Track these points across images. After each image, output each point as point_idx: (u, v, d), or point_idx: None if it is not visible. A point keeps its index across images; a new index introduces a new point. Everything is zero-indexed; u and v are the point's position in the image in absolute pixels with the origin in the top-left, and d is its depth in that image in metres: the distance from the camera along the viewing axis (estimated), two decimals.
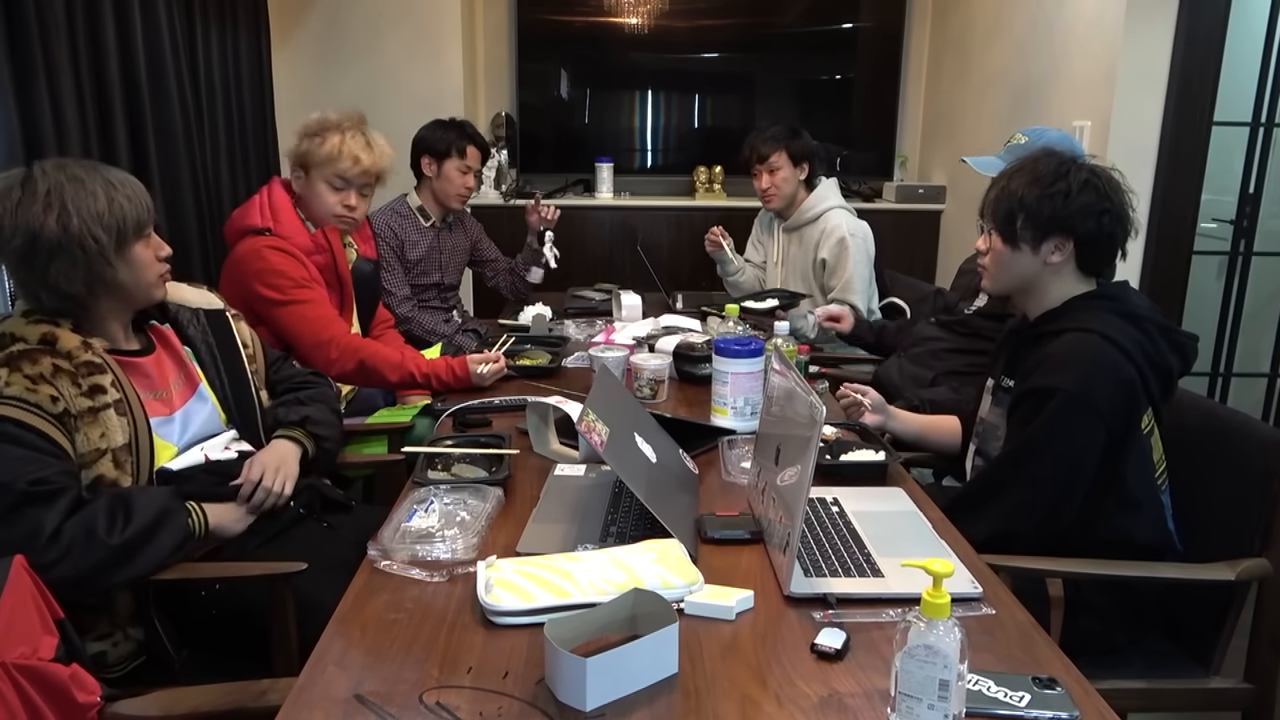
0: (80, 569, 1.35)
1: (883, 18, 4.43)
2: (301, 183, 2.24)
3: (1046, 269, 1.62)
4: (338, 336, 2.13)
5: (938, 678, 0.96)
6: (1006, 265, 1.66)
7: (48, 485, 1.35)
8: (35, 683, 1.06)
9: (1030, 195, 1.59)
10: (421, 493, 1.52)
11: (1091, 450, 1.52)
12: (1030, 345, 1.65)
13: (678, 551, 1.28)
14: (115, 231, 1.45)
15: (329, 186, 2.22)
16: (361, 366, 2.14)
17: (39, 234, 1.40)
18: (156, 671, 1.54)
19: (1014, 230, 1.62)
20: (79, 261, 1.43)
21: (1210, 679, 1.62)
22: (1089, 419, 1.50)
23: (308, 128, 2.22)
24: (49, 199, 1.41)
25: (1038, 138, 2.20)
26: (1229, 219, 3.12)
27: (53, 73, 2.13)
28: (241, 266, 2.13)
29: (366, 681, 1.06)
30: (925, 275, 4.08)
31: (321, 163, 2.20)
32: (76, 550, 1.34)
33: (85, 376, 1.42)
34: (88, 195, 1.43)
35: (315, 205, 2.24)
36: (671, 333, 2.46)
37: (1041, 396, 1.54)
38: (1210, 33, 2.70)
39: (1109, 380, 1.51)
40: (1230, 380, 3.15)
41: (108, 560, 1.37)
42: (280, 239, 2.14)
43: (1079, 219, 1.57)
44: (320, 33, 3.82)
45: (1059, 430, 1.53)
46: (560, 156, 4.49)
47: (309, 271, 2.16)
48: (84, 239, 1.42)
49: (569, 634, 1.09)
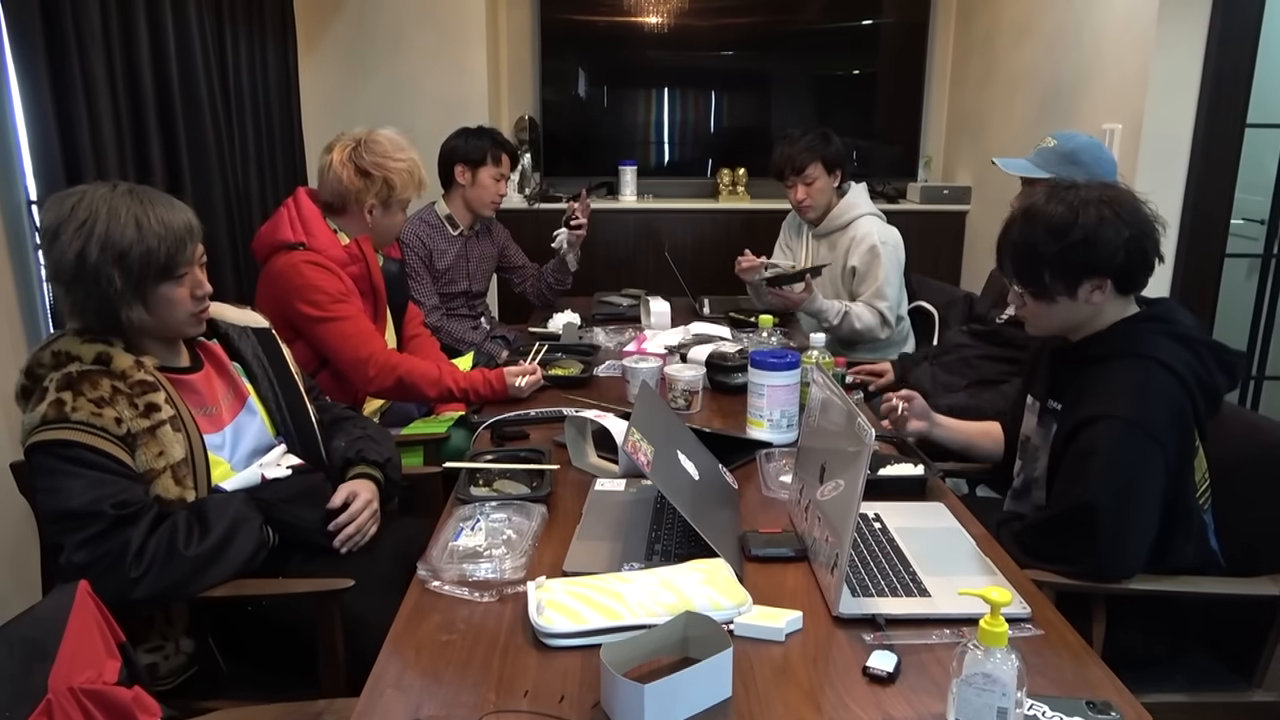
0: (163, 583, 1.40)
1: (906, 14, 4.41)
2: (379, 215, 2.23)
3: (1089, 307, 1.59)
4: (376, 353, 2.14)
5: (995, 705, 0.97)
6: (1047, 317, 1.63)
7: (131, 506, 1.40)
8: (101, 706, 1.08)
9: (1050, 250, 1.54)
10: (466, 510, 1.53)
11: (1158, 480, 1.49)
12: (1078, 368, 1.62)
13: (725, 572, 1.29)
14: (135, 274, 1.44)
15: (404, 211, 2.28)
16: (400, 383, 2.15)
17: (60, 262, 1.42)
18: (204, 684, 1.57)
19: (1044, 288, 1.58)
20: (91, 296, 1.44)
21: (1252, 692, 1.62)
22: (1153, 450, 1.48)
23: (389, 161, 2.18)
24: (80, 229, 1.41)
25: (1067, 141, 2.19)
26: (1259, 219, 3.09)
27: (89, 84, 2.16)
28: (280, 283, 2.14)
29: (425, 705, 1.08)
30: (950, 278, 4.07)
31: (410, 194, 2.23)
32: (159, 564, 1.40)
33: (140, 396, 1.44)
34: (117, 231, 1.42)
35: (391, 231, 2.29)
36: (702, 341, 2.46)
37: (1100, 428, 1.50)
38: (1243, 34, 2.68)
39: (1166, 409, 1.49)
40: (1263, 384, 3.13)
41: (188, 571, 1.43)
42: (314, 252, 2.15)
43: (1107, 258, 1.53)
44: (345, 39, 3.84)
45: (1126, 463, 1.48)
46: (582, 159, 4.50)
47: (345, 285, 2.17)
48: (99, 277, 1.42)
49: (622, 657, 1.10)
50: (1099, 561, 1.48)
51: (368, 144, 2.19)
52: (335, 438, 1.81)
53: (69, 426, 1.38)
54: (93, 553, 1.36)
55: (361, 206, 2.20)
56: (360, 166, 2.17)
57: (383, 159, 2.17)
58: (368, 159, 2.17)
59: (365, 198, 2.19)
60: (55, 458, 1.38)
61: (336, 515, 1.65)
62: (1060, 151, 2.17)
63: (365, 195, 2.19)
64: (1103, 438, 1.49)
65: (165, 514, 1.44)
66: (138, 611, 1.43)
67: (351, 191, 2.18)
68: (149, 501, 1.43)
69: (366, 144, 2.19)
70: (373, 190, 2.18)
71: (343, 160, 2.18)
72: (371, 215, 2.22)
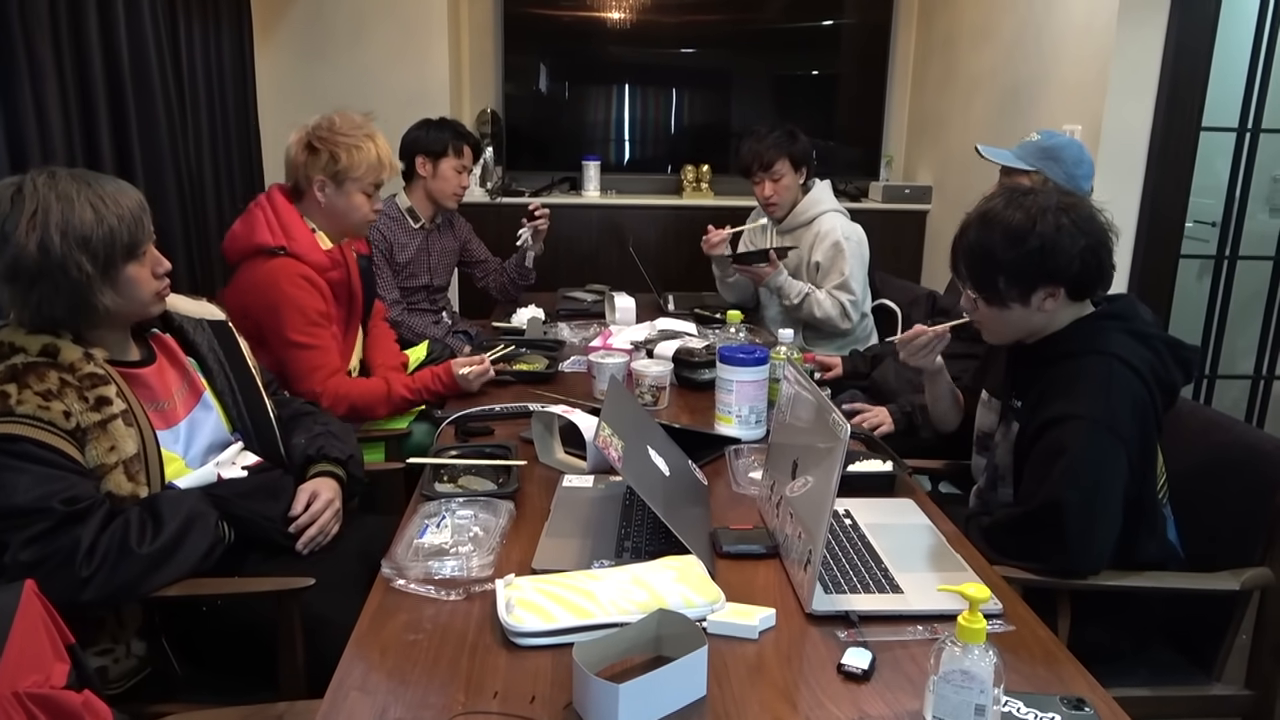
0: (115, 582, 1.35)
1: (868, 15, 4.44)
2: (332, 194, 2.13)
3: (1041, 314, 1.59)
4: (330, 386, 2.08)
5: (974, 702, 0.96)
6: (1000, 323, 1.63)
7: (81, 503, 1.34)
8: (48, 711, 1.03)
9: (1007, 256, 1.54)
10: (432, 506, 1.50)
11: (1122, 477, 1.50)
12: (1038, 366, 1.62)
13: (698, 569, 1.27)
14: (102, 257, 1.39)
15: (365, 195, 2.16)
16: (352, 409, 2.10)
17: (19, 257, 1.35)
18: (156, 687, 1.52)
19: (998, 293, 1.58)
20: (61, 288, 1.38)
21: (1212, 685, 1.64)
22: (1118, 447, 1.49)
23: (338, 136, 2.11)
24: (33, 220, 1.35)
25: (1050, 138, 2.22)
26: (1209, 221, 3.16)
27: (36, 70, 2.08)
28: (256, 293, 2.05)
29: (392, 707, 1.05)
30: (911, 275, 4.10)
31: (362, 172, 2.13)
32: (110, 563, 1.34)
33: (90, 389, 1.38)
34: (75, 216, 1.36)
35: (350, 215, 2.17)
36: (669, 337, 2.45)
37: (1067, 427, 1.50)
38: (1199, 39, 2.73)
39: (1129, 406, 1.50)
40: (1215, 382, 3.20)
41: (141, 570, 1.37)
42: (295, 259, 2.07)
43: (1063, 266, 1.53)
44: (303, 28, 3.75)
45: (1093, 461, 1.48)
46: (545, 154, 4.46)
47: (324, 301, 2.10)
48: (67, 265, 1.36)
49: (595, 657, 1.08)
50: (1069, 559, 1.49)
51: (320, 121, 2.14)
52: (295, 434, 1.76)
53: (14, 420, 1.32)
54: (40, 551, 1.30)
55: (311, 184, 2.13)
56: (308, 142, 2.12)
57: (331, 133, 2.11)
58: (314, 134, 2.12)
59: (313, 172, 2.11)
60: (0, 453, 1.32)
61: (298, 515, 1.60)
62: (1042, 145, 2.20)
63: (313, 170, 2.11)
64: (1069, 437, 1.49)
65: (117, 511, 1.39)
66: (88, 613, 1.38)
67: (300, 166, 2.12)
68: (99, 498, 1.37)
69: (319, 122, 2.14)
70: (319, 165, 2.10)
71: (298, 139, 2.14)
72: (324, 194, 2.13)
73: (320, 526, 1.62)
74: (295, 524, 1.60)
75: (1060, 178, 2.13)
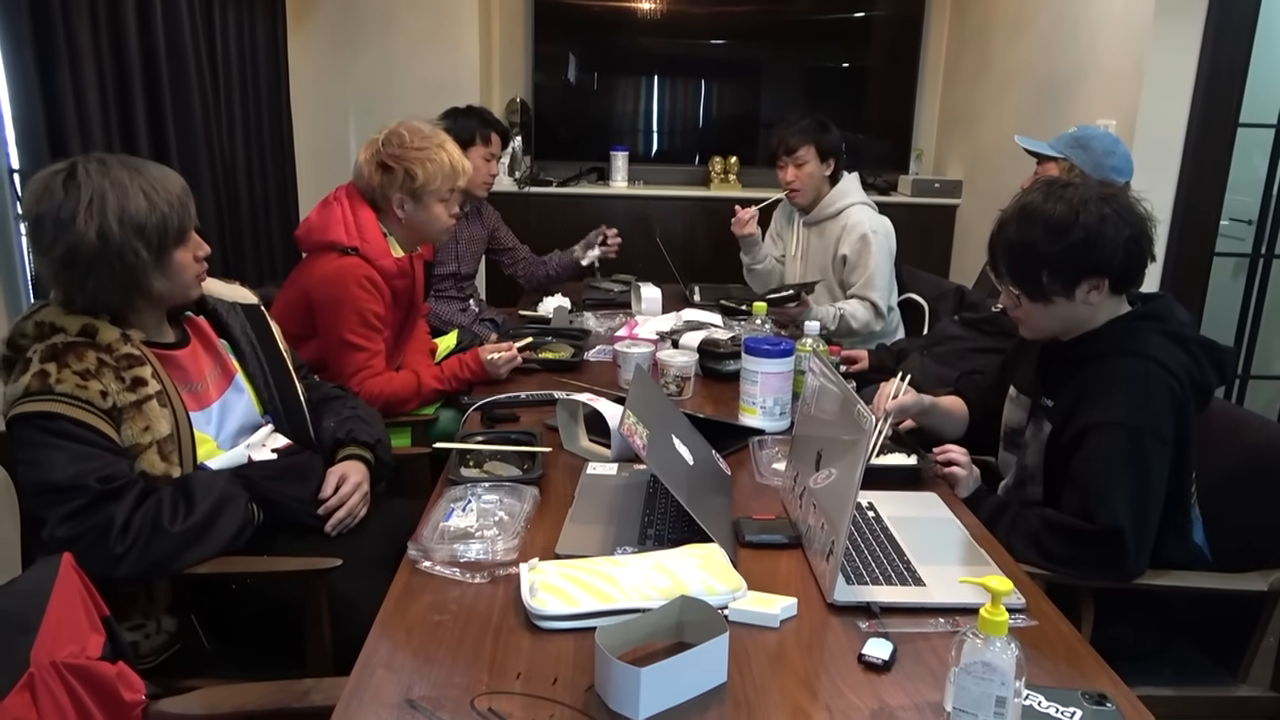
0: (148, 559, 1.38)
1: (900, 8, 4.41)
2: (411, 209, 2.14)
3: (1085, 307, 1.56)
4: (372, 390, 2.09)
5: (995, 694, 0.96)
6: (1043, 318, 1.60)
7: (116, 481, 1.37)
8: (84, 681, 1.06)
9: (1050, 250, 1.51)
10: (457, 491, 1.52)
11: (1164, 479, 1.49)
12: (1071, 366, 1.60)
13: (720, 557, 1.28)
14: (155, 243, 1.43)
15: (442, 203, 2.17)
16: (386, 404, 2.12)
17: (78, 245, 1.37)
18: (186, 662, 1.54)
19: (1041, 288, 1.54)
20: (116, 274, 1.41)
21: (1237, 687, 1.63)
22: (1161, 450, 1.48)
23: (410, 152, 2.09)
24: (90, 207, 1.37)
25: (1084, 129, 2.25)
26: (1245, 219, 3.11)
27: (75, 57, 2.11)
28: (323, 287, 2.07)
29: (417, 686, 1.06)
30: (940, 270, 4.08)
31: (439, 184, 2.13)
32: (144, 541, 1.37)
33: (126, 370, 1.42)
34: (130, 204, 1.40)
35: (430, 226, 2.18)
36: (694, 328, 2.45)
37: (1115, 436, 1.48)
38: (1239, 32, 2.69)
39: (1168, 408, 1.49)
40: (1248, 383, 3.15)
41: (173, 548, 1.40)
42: (365, 262, 2.08)
43: (1108, 257, 1.50)
44: (335, 16, 3.78)
45: (1143, 472, 1.47)
46: (574, 144, 4.46)
47: (384, 307, 2.12)
48: (124, 253, 1.40)
49: (617, 641, 1.09)
50: (1125, 574, 1.48)
51: (388, 137, 2.12)
52: (324, 417, 1.78)
53: (53, 398, 1.35)
54: (77, 527, 1.34)
55: (390, 202, 2.14)
56: (381, 161, 2.11)
57: (401, 150, 2.10)
58: (385, 152, 2.11)
59: (390, 192, 2.12)
60: (38, 430, 1.35)
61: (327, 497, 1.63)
62: (1074, 135, 2.23)
63: (390, 190, 2.11)
64: (1115, 449, 1.47)
65: (150, 490, 1.42)
66: (121, 588, 1.41)
67: (376, 187, 2.12)
68: (134, 476, 1.40)
69: (387, 138, 2.13)
70: (395, 184, 2.11)
71: (367, 158, 2.13)
72: (404, 210, 2.14)
73: (349, 509, 1.64)
74: (324, 506, 1.62)
75: (1087, 165, 2.12)
